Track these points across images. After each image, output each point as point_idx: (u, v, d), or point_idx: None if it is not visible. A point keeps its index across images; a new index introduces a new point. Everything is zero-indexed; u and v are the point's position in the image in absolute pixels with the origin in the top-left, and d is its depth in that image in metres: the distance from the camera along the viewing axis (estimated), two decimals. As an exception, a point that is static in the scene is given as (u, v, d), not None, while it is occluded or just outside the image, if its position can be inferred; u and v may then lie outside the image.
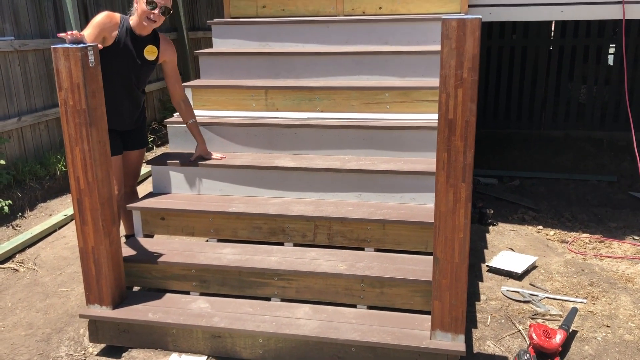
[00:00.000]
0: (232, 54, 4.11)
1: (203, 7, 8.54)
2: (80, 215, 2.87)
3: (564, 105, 7.12)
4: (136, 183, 3.72)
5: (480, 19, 2.23)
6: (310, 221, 3.19)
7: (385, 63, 3.89)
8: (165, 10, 3.16)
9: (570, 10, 4.24)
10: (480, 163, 6.15)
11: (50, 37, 5.22)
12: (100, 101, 2.82)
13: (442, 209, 2.47)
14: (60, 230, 4.34)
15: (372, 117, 3.66)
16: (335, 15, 4.46)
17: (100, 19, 3.10)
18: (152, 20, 3.15)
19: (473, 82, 2.30)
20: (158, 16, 3.15)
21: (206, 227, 3.34)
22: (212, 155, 3.55)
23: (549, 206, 4.97)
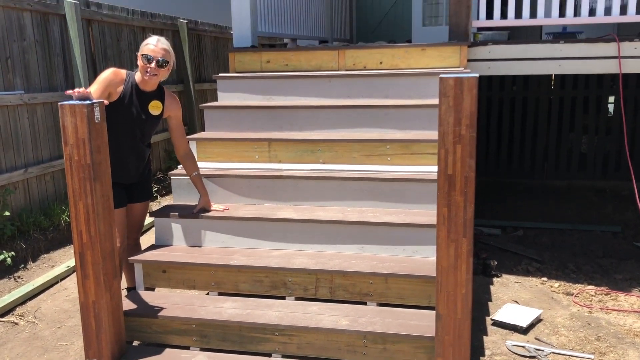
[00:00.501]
0: (237, 108, 4.19)
1: (210, 60, 8.74)
2: (82, 269, 2.87)
3: (565, 155, 7.16)
4: (139, 235, 3.73)
5: (477, 77, 2.29)
6: (312, 274, 3.18)
7: (386, 116, 3.95)
8: (162, 62, 3.24)
9: (567, 64, 4.33)
10: (483, 213, 6.15)
11: (59, 91, 5.33)
12: (105, 156, 2.86)
13: (443, 264, 2.47)
14: (62, 282, 4.32)
15: (373, 169, 3.70)
16: (337, 69, 4.56)
17: (106, 75, 3.20)
18: (151, 74, 3.23)
19: (471, 138, 2.33)
20: (155, 69, 3.23)
21: (207, 280, 3.32)
22: (214, 207, 3.57)
23: (553, 257, 4.93)
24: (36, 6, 5.00)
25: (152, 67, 3.22)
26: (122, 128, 3.29)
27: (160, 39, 3.28)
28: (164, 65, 3.25)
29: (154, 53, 3.22)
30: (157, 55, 3.22)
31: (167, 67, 3.29)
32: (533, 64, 4.37)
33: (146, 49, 3.23)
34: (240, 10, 4.72)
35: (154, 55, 3.21)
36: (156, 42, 3.25)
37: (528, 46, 4.37)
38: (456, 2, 4.39)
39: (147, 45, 3.24)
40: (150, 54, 3.21)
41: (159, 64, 3.23)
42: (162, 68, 3.26)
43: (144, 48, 3.25)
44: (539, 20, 4.43)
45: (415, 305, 3.07)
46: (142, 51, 3.24)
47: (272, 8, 5.18)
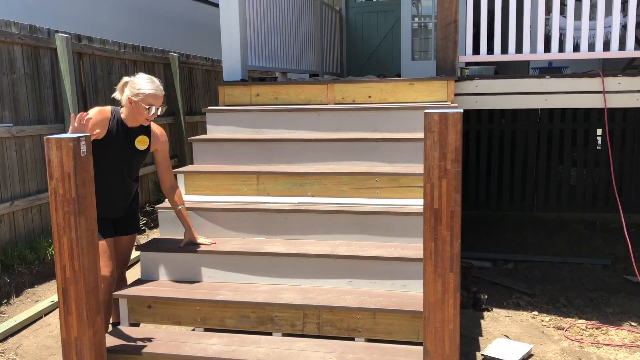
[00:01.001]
0: (226, 141, 4.19)
1: (200, 92, 8.80)
2: (65, 305, 2.82)
3: (555, 188, 7.19)
4: (125, 269, 3.68)
5: (461, 112, 2.30)
6: (299, 310, 3.14)
7: (374, 149, 3.96)
8: (162, 109, 3.26)
9: (553, 98, 4.38)
10: (474, 246, 6.13)
11: (48, 123, 5.33)
12: (90, 189, 2.84)
13: (431, 299, 2.44)
14: (45, 317, 4.24)
15: (362, 202, 3.69)
16: (327, 103, 4.59)
17: (91, 115, 3.12)
18: (150, 120, 3.27)
19: (456, 173, 2.34)
20: (155, 115, 3.24)
21: (193, 316, 3.27)
22: (200, 241, 3.54)
23: (544, 290, 4.91)
24: (27, 40, 5.03)
25: (153, 114, 3.22)
26: (109, 164, 3.27)
27: (159, 85, 3.26)
28: (162, 110, 3.27)
29: (157, 102, 3.21)
30: (159, 103, 3.23)
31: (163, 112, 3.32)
32: (519, 98, 4.42)
33: (150, 97, 3.18)
34: (230, 44, 4.77)
35: (157, 104, 3.21)
36: (158, 91, 3.21)
37: (514, 81, 4.42)
38: (443, 37, 4.46)
39: (151, 93, 3.18)
40: (154, 103, 3.19)
41: (159, 112, 3.25)
42: (160, 112, 3.28)
43: (146, 96, 3.17)
44: (525, 55, 4.50)
45: (404, 340, 3.03)
46: (145, 99, 3.17)
47: (262, 42, 5.24)
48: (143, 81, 3.21)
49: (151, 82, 3.23)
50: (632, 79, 4.28)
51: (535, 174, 7.27)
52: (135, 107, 3.20)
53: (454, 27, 4.42)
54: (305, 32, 6.65)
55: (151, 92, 3.19)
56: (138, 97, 3.18)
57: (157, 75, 7.38)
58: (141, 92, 3.18)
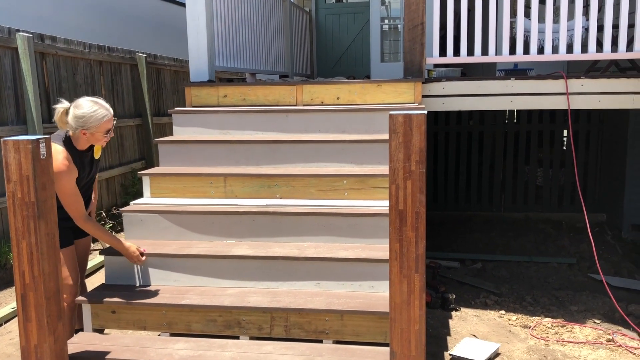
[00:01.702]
0: (192, 142, 4.14)
1: (169, 93, 8.69)
2: (24, 312, 2.74)
3: (522, 188, 7.31)
4: (84, 275, 3.59)
5: (425, 114, 2.31)
6: (266, 312, 3.11)
7: (342, 151, 3.96)
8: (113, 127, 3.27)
9: (519, 100, 4.45)
10: (442, 246, 6.18)
11: (9, 125, 5.19)
12: (51, 193, 2.77)
13: (396, 300, 2.44)
14: (6, 324, 4.13)
15: (330, 203, 3.68)
16: (295, 105, 4.58)
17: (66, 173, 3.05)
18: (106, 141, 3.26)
19: (421, 174, 2.34)
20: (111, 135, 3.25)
21: (159, 321, 3.21)
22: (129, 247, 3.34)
23: (511, 290, 4.97)
24: (-14, 39, 4.90)
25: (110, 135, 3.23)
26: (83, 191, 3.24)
27: (107, 105, 3.18)
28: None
29: (112, 122, 3.20)
30: (112, 122, 3.21)
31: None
32: (485, 99, 4.47)
33: (107, 124, 3.13)
34: (197, 44, 4.72)
35: (112, 124, 3.21)
36: (108, 111, 3.15)
37: (480, 82, 4.47)
38: (410, 39, 4.48)
39: (105, 119, 3.11)
40: (110, 126, 3.18)
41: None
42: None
43: (104, 124, 3.11)
44: (491, 57, 4.55)
45: (371, 342, 3.03)
46: (104, 127, 3.12)
47: (230, 43, 5.19)
48: (91, 109, 3.09)
49: (100, 106, 3.12)
50: (595, 81, 4.37)
51: (502, 174, 7.38)
52: (91, 137, 3.14)
53: (421, 29, 4.45)
54: (274, 33, 6.62)
55: (106, 117, 3.12)
56: (93, 129, 3.10)
57: (123, 76, 7.28)
58: (95, 122, 3.09)
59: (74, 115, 3.08)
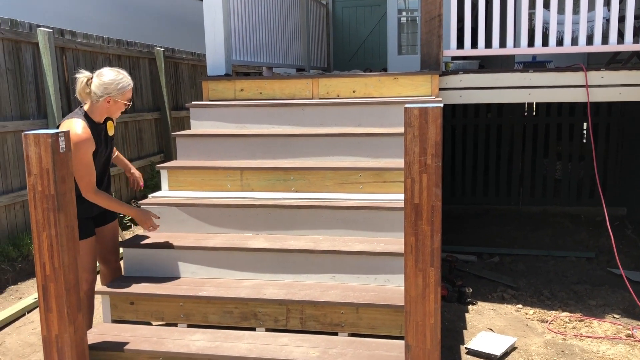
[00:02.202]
0: (209, 136, 4.17)
1: (187, 87, 8.75)
2: (45, 302, 2.80)
3: (540, 182, 7.23)
4: (119, 258, 3.62)
5: (441, 107, 2.30)
6: (282, 305, 3.13)
7: (358, 144, 3.96)
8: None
9: (537, 93, 4.40)
10: (459, 239, 6.16)
11: (30, 119, 5.28)
12: (70, 186, 2.81)
13: (412, 293, 2.45)
14: (29, 314, 4.21)
15: (346, 197, 3.68)
16: (311, 98, 4.58)
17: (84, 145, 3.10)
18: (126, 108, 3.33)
19: (437, 167, 2.34)
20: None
21: (176, 312, 3.26)
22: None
23: (528, 284, 4.94)
24: (8, 34, 4.97)
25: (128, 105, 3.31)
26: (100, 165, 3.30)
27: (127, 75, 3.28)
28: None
29: (131, 92, 3.31)
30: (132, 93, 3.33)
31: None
32: (503, 92, 4.43)
33: (128, 92, 3.25)
34: (214, 39, 4.74)
35: (131, 94, 3.31)
36: (130, 81, 3.27)
37: (498, 75, 4.43)
38: (427, 31, 4.45)
39: (129, 87, 3.24)
40: (130, 95, 3.29)
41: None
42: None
43: (125, 91, 3.21)
44: (509, 49, 4.50)
45: (387, 335, 3.03)
46: (127, 95, 3.23)
47: (247, 37, 5.21)
48: (117, 77, 3.19)
49: (123, 75, 3.24)
50: (615, 73, 4.31)
51: (520, 167, 7.31)
52: (114, 105, 3.22)
53: (438, 21, 4.42)
54: (291, 27, 6.62)
55: (129, 86, 3.26)
56: (118, 97, 3.20)
57: (142, 70, 7.35)
58: (121, 90, 3.20)
59: (100, 83, 3.16)
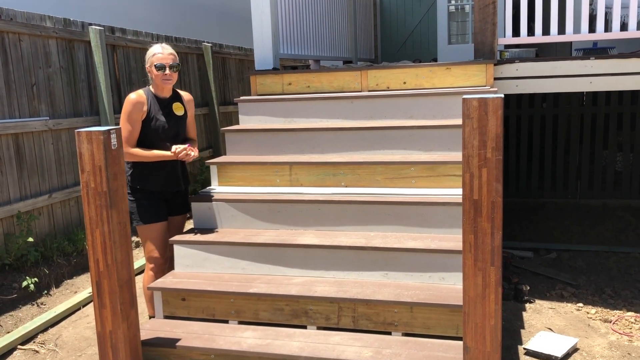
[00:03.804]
0: (258, 131, 4.14)
1: (234, 82, 8.77)
2: (99, 298, 2.82)
3: (600, 174, 6.90)
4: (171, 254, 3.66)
5: (502, 97, 2.18)
6: (334, 303, 3.07)
7: (410, 137, 3.84)
8: (173, 65, 3.40)
9: (599, 81, 4.17)
10: (515, 234, 5.95)
11: (83, 116, 5.37)
12: (122, 182, 2.82)
13: (470, 294, 2.34)
14: (84, 308, 4.29)
15: (397, 192, 3.58)
16: (360, 90, 4.48)
17: (128, 107, 3.36)
18: (167, 79, 3.40)
19: (497, 161, 2.21)
20: (170, 75, 3.39)
21: (227, 309, 3.24)
22: None
23: (589, 281, 4.72)
24: (62, 33, 5.06)
25: (167, 74, 3.38)
26: (159, 137, 3.42)
27: (164, 46, 3.44)
28: (175, 67, 3.42)
29: (165, 60, 3.38)
30: (168, 61, 3.39)
31: (178, 69, 3.45)
32: (562, 81, 4.21)
33: (156, 59, 3.38)
34: (261, 33, 4.70)
35: (165, 62, 3.38)
36: (162, 50, 3.41)
37: (557, 63, 4.22)
38: (481, 19, 4.28)
39: (155, 55, 3.39)
40: (161, 61, 3.37)
41: (172, 69, 3.39)
42: (175, 72, 3.42)
43: (152, 58, 3.39)
44: (568, 36, 4.29)
45: (442, 335, 2.93)
46: (153, 62, 3.39)
47: (294, 30, 5.15)
48: (149, 50, 3.44)
49: (159, 46, 3.42)
50: (685, 58, 4.04)
51: (578, 159, 7.00)
52: (153, 75, 3.41)
53: (493, 9, 4.24)
54: (338, 18, 6.52)
55: (154, 53, 3.39)
56: (149, 64, 3.41)
57: (190, 65, 7.41)
58: (149, 59, 3.41)
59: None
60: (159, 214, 3.46)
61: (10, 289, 4.24)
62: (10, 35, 4.55)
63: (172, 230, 3.63)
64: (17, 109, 4.62)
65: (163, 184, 3.47)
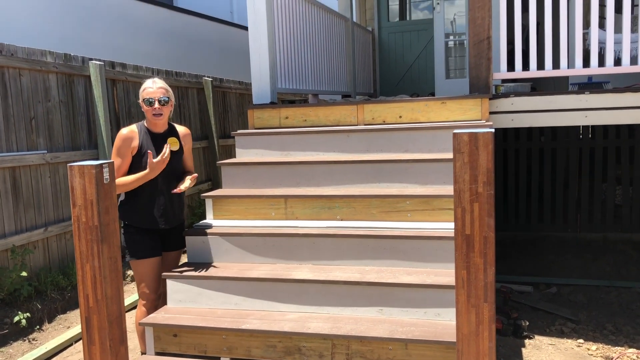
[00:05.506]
0: (254, 164, 4.14)
1: (234, 116, 8.84)
2: (88, 334, 2.77)
3: (599, 207, 6.88)
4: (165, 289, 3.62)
5: (492, 132, 2.17)
6: (327, 339, 3.01)
7: (405, 171, 3.84)
8: (162, 99, 3.38)
9: (594, 115, 4.18)
10: (514, 268, 5.89)
11: (82, 149, 5.40)
12: (114, 217, 2.80)
13: (464, 331, 2.29)
14: (76, 344, 4.22)
15: (393, 225, 3.56)
16: (356, 124, 4.50)
17: (117, 142, 3.38)
18: (157, 114, 3.38)
19: (489, 196, 2.20)
20: (160, 109, 3.38)
21: (219, 345, 3.18)
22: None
23: (590, 317, 4.64)
24: (62, 68, 5.12)
25: (156, 108, 3.37)
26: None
27: (155, 80, 3.44)
28: (165, 102, 3.39)
29: (154, 94, 3.37)
30: (157, 95, 3.37)
31: (169, 104, 3.43)
32: (558, 115, 4.23)
33: (145, 93, 3.38)
34: (259, 67, 4.74)
35: (155, 96, 3.37)
36: (152, 84, 3.41)
37: (552, 97, 4.24)
38: (476, 54, 4.32)
39: (145, 89, 3.40)
40: (151, 96, 3.37)
41: (161, 103, 3.38)
42: (165, 106, 3.40)
43: (142, 93, 3.40)
44: (562, 71, 4.31)
45: (438, 373, 2.86)
46: (142, 96, 3.40)
47: (292, 64, 5.20)
48: (144, 83, 3.44)
49: (150, 80, 3.43)
50: (679, 93, 4.05)
51: (577, 192, 6.98)
52: (144, 109, 3.41)
53: (487, 44, 4.28)
54: (336, 54, 6.60)
55: (144, 88, 3.39)
56: (140, 99, 3.42)
57: (190, 99, 7.48)
58: (140, 94, 3.42)
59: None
60: (152, 249, 3.43)
61: (1, 324, 4.18)
62: (10, 70, 4.61)
63: (167, 265, 3.59)
64: (15, 143, 4.64)
65: (153, 220, 3.42)
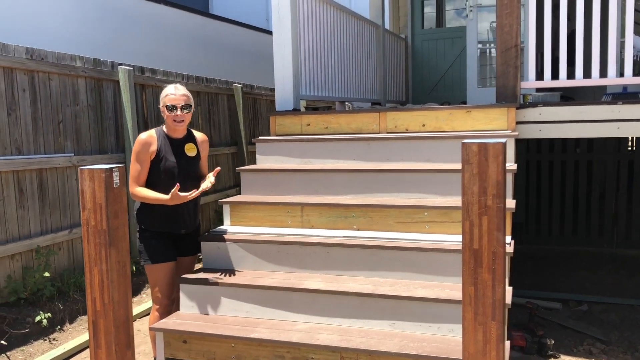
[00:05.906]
0: (273, 171, 4.11)
1: (265, 122, 8.85)
2: (95, 338, 2.78)
3: (638, 222, 6.60)
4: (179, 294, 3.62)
5: (503, 143, 2.08)
6: (336, 352, 2.94)
7: (426, 181, 3.74)
8: (185, 106, 3.38)
9: (627, 126, 3.99)
10: (543, 284, 5.68)
11: (109, 153, 5.47)
12: (123, 221, 2.81)
13: (470, 349, 2.19)
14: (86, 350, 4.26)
15: (409, 237, 3.46)
16: (378, 132, 4.42)
17: (136, 147, 3.37)
18: (178, 121, 3.38)
19: (499, 209, 2.10)
20: (182, 115, 3.38)
21: (228, 353, 3.15)
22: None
23: (622, 337, 4.42)
24: (91, 73, 5.21)
25: (178, 115, 3.37)
26: (168, 177, 3.37)
27: (177, 86, 3.43)
28: (187, 108, 3.40)
29: (176, 101, 3.37)
30: (180, 102, 3.37)
31: (190, 111, 3.43)
32: (588, 126, 4.06)
33: (167, 100, 3.37)
34: (282, 74, 4.72)
35: (177, 103, 3.37)
36: (174, 90, 3.40)
37: (582, 108, 4.07)
38: (503, 62, 4.20)
39: (167, 95, 3.38)
40: (173, 102, 3.36)
41: (183, 110, 3.38)
42: (187, 112, 3.41)
43: (165, 99, 3.39)
44: (594, 80, 4.15)
45: (449, 392, 2.76)
46: (164, 102, 3.38)
47: (317, 71, 5.15)
48: (163, 90, 3.43)
49: (173, 87, 3.42)
50: None
51: (614, 206, 6.71)
52: (165, 115, 3.40)
53: (515, 52, 4.16)
54: (366, 61, 6.53)
55: (166, 94, 3.38)
56: (161, 104, 3.41)
57: (220, 105, 7.52)
58: (162, 99, 3.41)
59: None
60: (165, 254, 3.42)
61: (23, 323, 4.25)
62: (40, 74, 4.71)
63: (181, 271, 3.58)
64: (42, 145, 4.73)
65: (168, 225, 3.42)
